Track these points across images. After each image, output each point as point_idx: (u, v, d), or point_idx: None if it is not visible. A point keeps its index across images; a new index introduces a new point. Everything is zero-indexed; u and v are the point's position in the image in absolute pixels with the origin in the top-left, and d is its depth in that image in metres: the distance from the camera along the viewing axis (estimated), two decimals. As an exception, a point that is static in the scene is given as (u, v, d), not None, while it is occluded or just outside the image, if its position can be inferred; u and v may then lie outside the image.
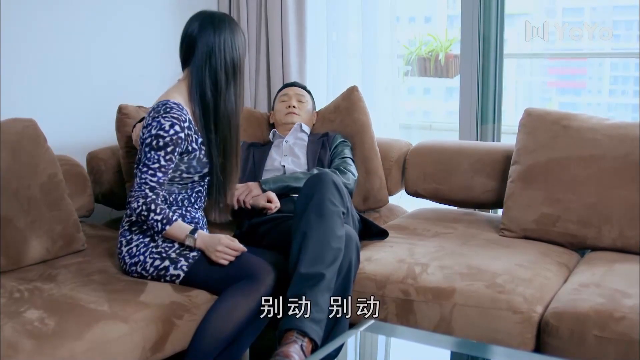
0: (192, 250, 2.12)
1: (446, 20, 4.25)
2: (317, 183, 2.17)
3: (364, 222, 2.47)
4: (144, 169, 2.08)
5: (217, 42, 2.18)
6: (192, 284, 2.09)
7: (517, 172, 2.53)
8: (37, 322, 1.76)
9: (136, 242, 2.15)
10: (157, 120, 2.10)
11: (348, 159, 2.72)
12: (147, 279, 2.12)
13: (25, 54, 2.69)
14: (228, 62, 2.19)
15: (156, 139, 2.07)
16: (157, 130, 2.08)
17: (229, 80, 2.20)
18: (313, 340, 1.89)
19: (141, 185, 2.07)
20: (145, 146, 2.09)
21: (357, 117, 2.91)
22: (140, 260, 2.12)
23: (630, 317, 1.81)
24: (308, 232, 2.05)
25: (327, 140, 2.81)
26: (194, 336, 1.97)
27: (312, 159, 2.71)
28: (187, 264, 2.09)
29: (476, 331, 1.98)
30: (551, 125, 2.52)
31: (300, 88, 3.02)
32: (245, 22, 3.41)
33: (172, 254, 2.11)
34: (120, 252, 2.18)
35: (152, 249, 2.12)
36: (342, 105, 2.96)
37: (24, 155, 2.25)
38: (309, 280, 1.97)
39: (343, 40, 3.43)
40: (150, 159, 2.07)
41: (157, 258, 2.11)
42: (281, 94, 3.00)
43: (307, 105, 2.96)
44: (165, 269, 2.09)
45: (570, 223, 2.41)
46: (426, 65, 3.68)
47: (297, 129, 2.86)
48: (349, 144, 2.82)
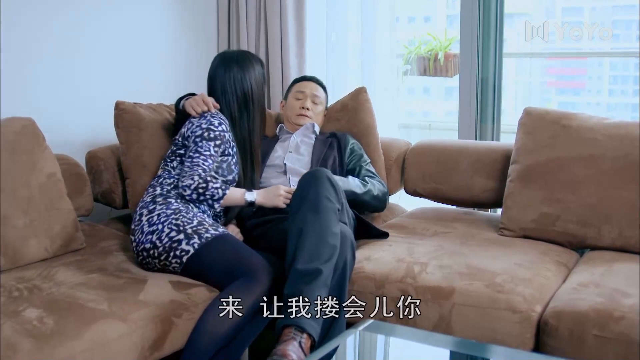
0: (207, 231, 2.18)
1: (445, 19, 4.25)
2: (312, 179, 2.16)
3: (364, 224, 2.46)
4: (195, 155, 2.31)
5: (227, 80, 2.51)
6: (195, 268, 2.14)
7: (516, 172, 2.53)
8: (36, 321, 1.75)
9: (158, 211, 2.26)
10: (206, 118, 2.40)
11: (374, 171, 2.74)
12: (156, 252, 2.17)
13: (24, 52, 2.68)
14: (239, 95, 2.51)
15: (207, 131, 2.36)
16: (208, 125, 2.37)
17: (241, 110, 2.52)
18: (311, 336, 1.88)
19: (193, 167, 2.29)
20: (197, 137, 2.35)
21: (363, 118, 2.91)
22: (158, 229, 2.21)
23: (630, 316, 1.81)
24: (304, 229, 2.05)
25: (336, 141, 2.80)
26: (191, 334, 1.97)
27: (316, 158, 2.69)
28: (199, 242, 2.15)
29: (475, 331, 1.98)
30: (551, 125, 2.52)
31: (318, 85, 2.96)
32: (245, 22, 3.41)
33: (188, 229, 2.19)
34: (138, 224, 2.27)
35: (172, 220, 2.22)
36: (349, 105, 2.95)
37: (23, 154, 2.25)
38: (306, 277, 1.96)
39: (342, 40, 3.43)
40: (203, 147, 2.33)
41: (174, 230, 2.19)
42: (297, 89, 2.94)
43: (320, 106, 2.93)
44: (179, 242, 2.16)
45: (570, 223, 2.40)
46: (425, 65, 3.68)
47: (309, 128, 2.85)
48: (361, 147, 2.82)
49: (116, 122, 2.63)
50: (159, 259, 2.18)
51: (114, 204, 2.75)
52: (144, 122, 2.63)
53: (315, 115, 2.89)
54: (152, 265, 2.21)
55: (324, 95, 2.97)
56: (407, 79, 3.86)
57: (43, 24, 2.75)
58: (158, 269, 2.21)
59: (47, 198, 2.28)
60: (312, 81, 2.97)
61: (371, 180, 2.65)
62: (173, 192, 2.34)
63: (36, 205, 2.23)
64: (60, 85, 2.83)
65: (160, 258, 2.18)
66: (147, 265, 2.23)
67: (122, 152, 2.64)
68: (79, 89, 2.91)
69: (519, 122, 2.61)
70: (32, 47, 2.72)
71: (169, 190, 2.35)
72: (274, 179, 2.66)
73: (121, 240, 2.49)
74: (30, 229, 2.20)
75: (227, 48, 3.51)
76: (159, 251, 2.18)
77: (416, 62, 3.71)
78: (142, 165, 2.61)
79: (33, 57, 2.73)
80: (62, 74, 2.84)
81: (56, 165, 2.36)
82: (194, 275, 2.16)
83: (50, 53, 2.79)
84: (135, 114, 2.62)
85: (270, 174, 2.69)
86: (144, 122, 2.63)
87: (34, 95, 2.75)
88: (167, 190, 2.35)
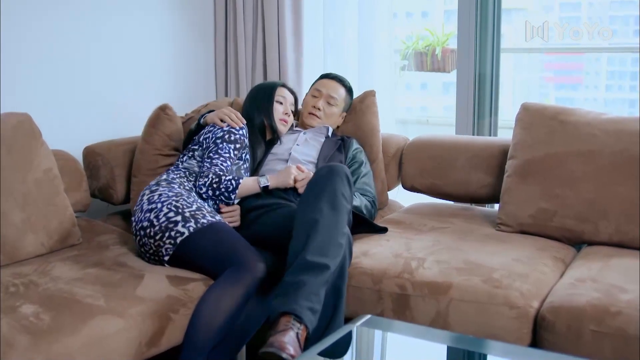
0: (204, 217, 2.21)
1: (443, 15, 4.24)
2: (332, 173, 2.16)
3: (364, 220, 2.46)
4: (215, 156, 2.41)
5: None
6: (187, 252, 2.15)
7: (513, 167, 2.53)
8: (33, 317, 1.75)
9: (160, 192, 2.31)
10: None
11: (370, 184, 2.71)
12: (152, 231, 2.19)
13: (20, 47, 2.67)
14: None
15: (228, 134, 2.46)
16: (230, 128, 2.48)
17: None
18: (307, 328, 1.86)
19: (211, 167, 2.39)
20: (217, 138, 2.45)
21: (369, 120, 2.91)
22: (157, 208, 2.24)
23: (627, 312, 1.81)
24: (320, 221, 2.04)
25: (344, 145, 2.77)
26: (187, 330, 1.97)
27: (323, 157, 2.67)
28: (195, 226, 2.17)
29: (473, 326, 1.98)
30: (548, 120, 2.52)
31: (341, 85, 2.87)
32: (242, 17, 3.40)
33: (186, 212, 2.21)
34: (139, 204, 2.31)
35: (173, 202, 2.25)
36: (357, 107, 2.93)
37: (19, 150, 2.24)
38: (314, 269, 1.95)
39: (340, 35, 3.43)
40: (223, 148, 2.43)
41: (173, 210, 2.22)
42: (317, 86, 2.88)
43: (336, 108, 2.84)
44: (175, 223, 2.18)
45: (567, 218, 2.40)
46: (423, 60, 3.67)
47: (322, 131, 2.80)
48: (364, 153, 2.81)
49: (154, 122, 2.66)
50: (154, 238, 2.19)
51: (111, 200, 2.75)
52: (175, 135, 2.69)
53: (327, 117, 2.83)
54: (148, 246, 2.22)
55: (344, 97, 2.88)
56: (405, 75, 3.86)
57: (40, 18, 2.74)
58: (153, 251, 2.21)
59: (44, 194, 2.27)
60: (335, 80, 2.89)
61: (361, 197, 2.59)
62: (178, 180, 2.38)
63: (33, 201, 2.23)
64: (57, 79, 2.82)
65: (156, 237, 2.19)
66: (143, 248, 2.24)
67: (141, 150, 2.66)
68: (76, 84, 2.90)
69: (517, 118, 2.60)
70: (29, 42, 2.71)
71: (174, 177, 2.40)
72: (275, 165, 2.64)
73: (118, 234, 2.49)
74: (27, 224, 2.20)
75: (224, 43, 3.50)
76: (154, 230, 2.19)
77: (414, 57, 3.71)
78: (152, 170, 2.64)
79: (31, 53, 2.72)
80: (58, 69, 2.83)
81: (53, 160, 2.36)
82: (184, 259, 2.16)
83: (47, 47, 2.78)
84: (174, 124, 2.68)
85: (273, 161, 2.67)
86: (175, 135, 2.69)
87: (31, 91, 2.73)
88: (172, 177, 2.41)
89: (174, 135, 2.69)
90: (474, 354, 1.79)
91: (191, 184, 2.42)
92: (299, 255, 1.99)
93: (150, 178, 2.57)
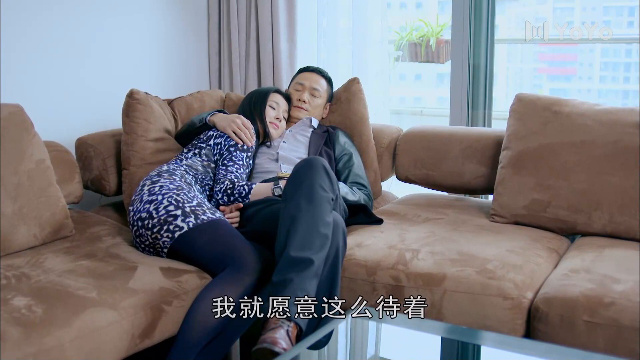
0: (204, 213, 2.20)
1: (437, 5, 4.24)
2: (308, 168, 2.15)
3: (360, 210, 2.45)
4: (230, 164, 2.49)
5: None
6: (184, 247, 2.14)
7: (507, 158, 2.53)
8: (25, 309, 1.74)
9: (161, 183, 2.31)
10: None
11: (362, 175, 2.71)
12: (150, 223, 2.18)
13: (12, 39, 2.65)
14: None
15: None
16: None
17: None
18: (298, 325, 1.87)
19: (227, 174, 2.45)
20: (231, 146, 2.52)
21: (356, 109, 2.90)
22: (157, 200, 2.23)
23: (620, 302, 1.81)
24: (297, 216, 2.03)
25: (329, 137, 2.78)
26: (181, 326, 1.96)
27: (312, 152, 2.67)
28: (194, 222, 2.17)
29: (466, 317, 1.98)
30: (542, 111, 2.51)
31: (321, 76, 2.92)
32: (235, 7, 3.38)
33: (187, 207, 2.21)
34: (138, 195, 2.30)
35: (173, 195, 2.25)
36: (342, 96, 2.93)
37: (11, 141, 2.23)
38: (297, 265, 1.95)
39: (333, 26, 3.41)
40: (237, 156, 2.51)
41: (173, 204, 2.21)
42: (298, 80, 2.92)
43: (320, 99, 2.89)
44: (175, 217, 2.18)
45: (561, 209, 2.41)
46: (417, 51, 3.66)
47: (305, 123, 2.83)
48: (353, 144, 2.81)
49: (126, 111, 2.59)
50: (152, 230, 2.18)
51: (104, 191, 2.73)
52: (153, 117, 2.62)
53: (313, 108, 2.87)
54: (144, 238, 2.21)
55: (326, 88, 2.92)
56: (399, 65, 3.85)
57: (34, 11, 2.71)
58: (149, 243, 2.20)
59: (36, 185, 2.26)
60: (315, 72, 2.93)
61: (358, 192, 2.62)
62: (179, 172, 2.39)
63: (25, 193, 2.21)
64: (49, 71, 2.80)
65: (153, 230, 2.18)
66: (139, 239, 2.23)
67: (125, 142, 2.61)
68: (69, 75, 2.88)
69: (511, 109, 2.60)
70: (21, 35, 2.69)
71: (175, 169, 2.40)
72: (266, 164, 2.65)
73: (110, 226, 2.48)
74: (19, 216, 2.19)
75: (217, 34, 3.48)
76: (153, 222, 2.19)
77: (408, 48, 3.70)
78: (142, 159, 2.59)
79: (23, 44, 2.70)
80: (51, 61, 2.81)
81: (45, 152, 2.34)
82: (181, 253, 2.16)
83: (40, 39, 2.76)
84: (147, 106, 2.60)
85: (263, 160, 2.68)
86: (154, 116, 2.62)
87: (24, 82, 2.71)
88: (173, 168, 2.41)
89: (153, 117, 2.61)
90: (467, 345, 1.79)
91: (192, 179, 2.42)
92: (283, 252, 1.99)
93: (142, 168, 2.55)
